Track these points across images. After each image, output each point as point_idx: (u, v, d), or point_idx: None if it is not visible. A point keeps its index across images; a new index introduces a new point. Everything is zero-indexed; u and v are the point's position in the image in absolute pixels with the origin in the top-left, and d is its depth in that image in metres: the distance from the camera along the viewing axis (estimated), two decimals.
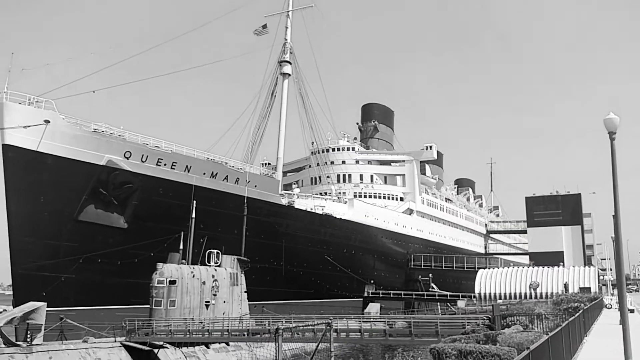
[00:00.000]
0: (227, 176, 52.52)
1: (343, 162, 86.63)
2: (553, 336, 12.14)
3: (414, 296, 73.52)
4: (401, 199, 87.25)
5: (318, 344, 24.98)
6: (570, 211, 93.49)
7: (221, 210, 50.38)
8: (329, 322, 23.33)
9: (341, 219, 69.23)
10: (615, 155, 15.83)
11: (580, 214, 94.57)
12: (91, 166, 43.08)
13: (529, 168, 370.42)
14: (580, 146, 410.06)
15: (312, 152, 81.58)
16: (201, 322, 35.23)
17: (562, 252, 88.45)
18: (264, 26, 67.95)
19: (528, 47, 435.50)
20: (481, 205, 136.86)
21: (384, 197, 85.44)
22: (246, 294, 43.62)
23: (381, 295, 72.00)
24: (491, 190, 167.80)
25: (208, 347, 37.38)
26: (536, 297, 55.75)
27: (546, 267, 62.60)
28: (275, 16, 70.74)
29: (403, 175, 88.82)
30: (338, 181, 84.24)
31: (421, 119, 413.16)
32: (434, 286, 78.70)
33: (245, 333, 33.10)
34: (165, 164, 47.59)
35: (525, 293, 59.06)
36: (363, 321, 31.22)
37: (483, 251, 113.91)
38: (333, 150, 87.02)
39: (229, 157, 56.64)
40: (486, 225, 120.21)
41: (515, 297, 58.36)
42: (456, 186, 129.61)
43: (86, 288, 42.85)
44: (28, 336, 29.82)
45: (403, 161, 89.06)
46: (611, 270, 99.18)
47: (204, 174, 50.43)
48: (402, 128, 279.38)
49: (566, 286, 54.26)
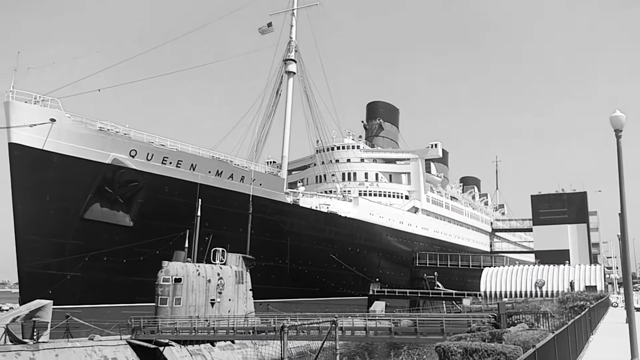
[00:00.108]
0: (232, 174, 52.58)
1: (348, 160, 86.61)
2: (559, 334, 12.11)
3: (419, 294, 73.44)
4: (406, 197, 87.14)
5: (323, 342, 25.00)
6: (576, 209, 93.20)
7: (226, 208, 50.46)
8: (335, 320, 23.33)
9: (346, 217, 69.21)
10: (621, 153, 15.75)
11: (586, 212, 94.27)
12: (97, 164, 43.21)
13: (535, 166, 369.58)
14: (586, 144, 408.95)
15: (317, 151, 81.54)
16: (206, 320, 35.29)
17: (568, 251, 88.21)
18: (269, 24, 67.93)
19: (530, 47, 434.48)
20: (487, 203, 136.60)
21: (389, 196, 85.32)
22: (251, 292, 43.66)
23: (386, 293, 71.97)
24: (497, 188, 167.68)
25: (213, 345, 37.46)
26: (542, 296, 55.73)
27: (552, 266, 62.48)
28: (280, 15, 70.84)
29: (408, 173, 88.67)
30: (343, 179, 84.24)
31: (426, 118, 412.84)
32: (439, 284, 78.66)
33: (250, 331, 33.13)
34: (170, 163, 47.68)
35: (530, 291, 59.02)
36: (368, 319, 31.21)
37: (488, 249, 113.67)
38: (338, 148, 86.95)
39: (234, 156, 56.76)
40: (491, 223, 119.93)
41: (520, 296, 58.31)
42: (461, 184, 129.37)
43: (92, 286, 43.03)
44: (34, 334, 29.93)
45: (408, 159, 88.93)
46: (617, 268, 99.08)
47: (209, 172, 50.50)
48: (408, 126, 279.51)
49: (572, 284, 54.19)
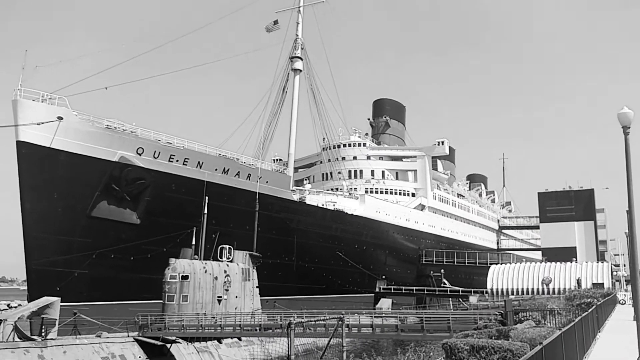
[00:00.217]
0: (239, 172, 52.65)
1: (354, 158, 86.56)
2: (566, 332, 12.10)
3: (426, 292, 73.47)
4: (413, 195, 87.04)
5: (330, 339, 25.08)
6: (583, 207, 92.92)
7: (233, 206, 50.55)
8: (341, 317, 23.39)
9: (352, 215, 69.19)
10: (629, 149, 15.67)
11: (593, 210, 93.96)
12: (104, 162, 43.35)
13: (542, 164, 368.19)
14: (594, 141, 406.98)
15: (324, 148, 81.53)
16: (213, 317, 35.36)
17: (575, 248, 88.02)
18: (275, 22, 67.97)
19: (536, 44, 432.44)
20: (493, 200, 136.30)
21: (396, 193, 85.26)
22: (258, 289, 43.74)
23: (393, 290, 71.98)
24: (504, 185, 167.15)
25: (220, 342, 37.58)
26: (549, 293, 55.60)
27: (559, 263, 62.33)
28: (286, 12, 70.86)
29: (415, 170, 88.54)
30: (349, 177, 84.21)
31: (433, 115, 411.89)
32: (446, 282, 78.60)
33: (257, 328, 33.19)
34: (177, 160, 47.78)
35: (537, 289, 58.92)
36: (375, 316, 31.23)
37: (495, 247, 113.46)
38: (344, 146, 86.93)
39: (241, 153, 56.84)
40: (498, 220, 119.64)
41: (527, 293, 58.21)
42: (468, 182, 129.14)
43: (99, 283, 43.20)
44: (43, 331, 30.09)
45: (415, 157, 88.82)
46: (625, 266, 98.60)
47: (216, 170, 50.59)
48: (414, 123, 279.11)
49: (579, 282, 54.06)
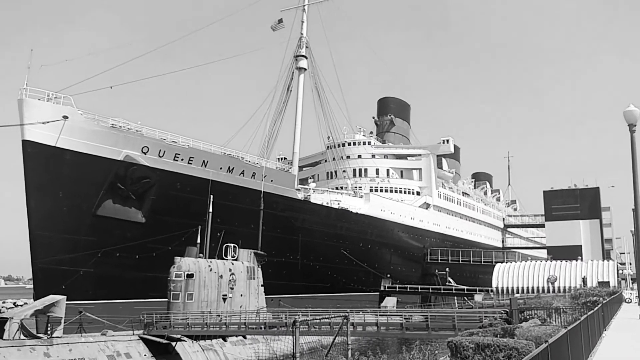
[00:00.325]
0: (244, 171, 52.70)
1: (359, 157, 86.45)
2: (572, 330, 12.03)
3: (431, 290, 73.33)
4: (418, 193, 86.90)
5: (335, 337, 25.06)
6: (588, 205, 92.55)
7: (238, 204, 50.60)
8: (346, 315, 23.38)
9: (357, 214, 69.17)
10: (635, 147, 15.65)
11: (598, 208, 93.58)
12: (109, 161, 43.46)
13: (547, 162, 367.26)
14: (599, 139, 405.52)
15: (328, 147, 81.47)
16: (218, 316, 35.42)
17: (580, 246, 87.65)
18: (280, 21, 67.99)
19: (541, 42, 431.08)
20: (499, 199, 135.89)
21: (401, 192, 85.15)
22: (263, 288, 43.81)
23: (398, 289, 71.90)
24: (509, 184, 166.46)
25: (225, 340, 37.67)
26: (554, 291, 55.40)
27: (564, 261, 62.06)
28: (291, 11, 70.85)
29: (420, 169, 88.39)
30: (354, 175, 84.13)
31: (438, 113, 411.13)
32: (451, 280, 78.47)
33: (262, 326, 33.23)
34: (182, 159, 47.86)
35: (543, 287, 58.68)
36: (380, 315, 31.21)
37: (500, 245, 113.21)
38: (349, 144, 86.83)
39: (246, 152, 56.90)
40: (504, 219, 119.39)
41: (532, 291, 58.01)
42: (473, 180, 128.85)
43: (105, 282, 43.34)
44: (48, 329, 30.22)
45: (419, 155, 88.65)
46: (631, 264, 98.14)
47: (221, 169, 50.65)
48: (419, 122, 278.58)
49: (584, 280, 53.80)
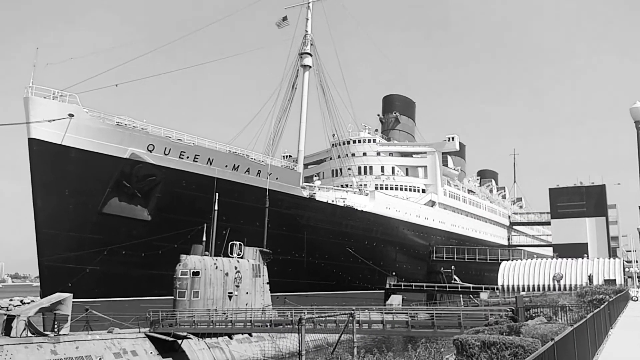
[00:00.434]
0: (249, 169, 52.73)
1: (364, 154, 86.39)
2: (578, 328, 12.00)
3: (436, 288, 73.26)
4: (423, 191, 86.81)
5: (340, 335, 25.10)
6: (594, 202, 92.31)
7: (243, 202, 50.64)
8: (352, 313, 23.39)
9: (362, 211, 69.15)
10: None
11: (604, 205, 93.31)
12: (115, 159, 43.54)
13: (553, 159, 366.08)
14: (606, 136, 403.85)
15: (333, 144, 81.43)
16: (224, 313, 35.48)
17: (586, 244, 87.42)
18: (285, 18, 67.92)
19: (545, 39, 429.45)
20: (504, 196, 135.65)
21: (406, 189, 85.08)
22: (268, 286, 43.86)
23: (403, 287, 71.88)
24: (514, 181, 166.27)
25: (231, 338, 37.74)
26: (560, 289, 55.25)
27: (570, 259, 61.90)
28: (295, 8, 70.76)
29: (425, 167, 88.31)
30: (359, 173, 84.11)
31: (443, 111, 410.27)
32: (457, 278, 78.36)
33: (267, 324, 33.28)
34: (187, 157, 47.92)
35: (548, 285, 58.55)
36: (385, 313, 31.20)
37: (506, 243, 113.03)
38: (354, 142, 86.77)
39: (251, 150, 56.88)
40: (509, 216, 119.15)
41: (538, 289, 57.88)
42: (479, 177, 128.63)
43: (111, 279, 43.45)
44: (55, 326, 30.35)
45: (425, 153, 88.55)
46: (637, 262, 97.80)
47: (226, 167, 50.69)
48: (424, 120, 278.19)
49: (590, 278, 53.68)
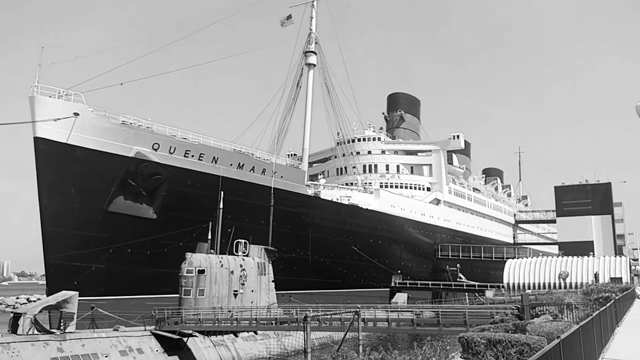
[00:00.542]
0: (254, 167, 52.78)
1: (369, 152, 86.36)
2: (584, 326, 11.97)
3: (442, 286, 73.21)
4: (428, 189, 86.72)
5: (346, 333, 25.09)
6: (600, 200, 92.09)
7: (248, 200, 50.70)
8: (357, 311, 23.38)
9: (367, 210, 69.12)
10: None
11: (610, 203, 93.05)
12: (120, 158, 43.64)
13: (559, 157, 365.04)
14: (611, 134, 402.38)
15: (338, 143, 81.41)
16: (230, 311, 35.50)
17: (592, 242, 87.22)
18: (289, 17, 67.87)
19: (551, 37, 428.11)
20: (510, 194, 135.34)
21: (411, 187, 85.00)
22: (274, 284, 43.89)
23: (408, 285, 71.88)
24: (520, 179, 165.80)
25: (236, 336, 37.78)
26: (565, 287, 55.13)
27: (576, 257, 61.75)
28: (300, 7, 70.73)
29: (430, 165, 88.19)
30: (364, 171, 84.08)
31: (448, 109, 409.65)
32: (462, 276, 78.30)
33: (273, 322, 33.29)
34: (192, 156, 47.97)
35: (554, 283, 58.42)
36: (390, 311, 31.17)
37: (511, 241, 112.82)
38: (359, 140, 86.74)
39: (256, 148, 56.98)
40: (515, 215, 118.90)
41: (544, 287, 57.76)
42: (484, 176, 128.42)
43: (116, 278, 43.58)
44: (61, 324, 30.45)
45: (430, 151, 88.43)
46: None
47: (231, 165, 50.74)
48: (429, 118, 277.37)
49: (596, 276, 53.54)
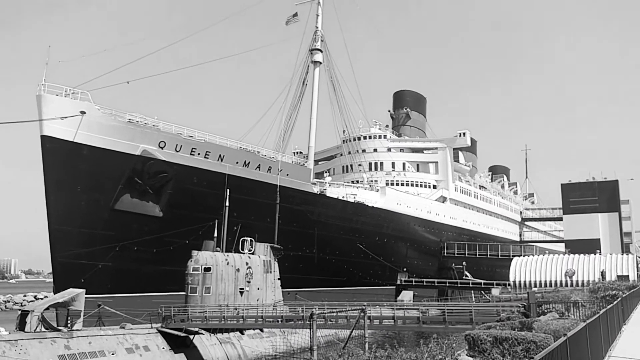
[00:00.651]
0: (260, 165, 52.83)
1: (375, 150, 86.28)
2: (590, 324, 11.95)
3: (448, 284, 73.15)
4: (434, 187, 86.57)
5: (352, 331, 25.12)
6: (607, 198, 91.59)
7: (254, 198, 50.76)
8: (363, 309, 23.40)
9: (373, 207, 69.08)
10: None
11: (617, 201, 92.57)
12: (126, 156, 43.75)
13: (566, 155, 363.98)
14: (618, 131, 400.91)
15: (344, 140, 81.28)
16: (236, 309, 35.57)
17: (599, 240, 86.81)
18: (295, 15, 67.82)
19: (556, 36, 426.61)
20: (516, 192, 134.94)
21: (417, 185, 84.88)
22: (279, 281, 43.96)
23: (414, 283, 71.86)
24: (526, 177, 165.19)
25: (242, 334, 37.88)
26: (572, 285, 54.95)
27: (582, 255, 61.51)
28: (306, 4, 70.65)
29: (436, 162, 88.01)
30: (370, 169, 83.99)
31: (454, 106, 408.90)
32: (468, 274, 78.14)
33: (279, 320, 33.35)
34: (198, 154, 48.06)
35: (560, 281, 58.23)
36: (396, 308, 31.17)
37: (518, 239, 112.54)
38: (365, 138, 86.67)
39: (261, 146, 56.97)
40: (521, 212, 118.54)
41: (550, 285, 57.56)
42: (490, 173, 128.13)
43: (123, 275, 43.72)
44: (68, 322, 30.59)
45: (436, 148, 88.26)
46: None
47: (237, 163, 50.79)
48: (435, 115, 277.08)
49: (603, 274, 53.32)
